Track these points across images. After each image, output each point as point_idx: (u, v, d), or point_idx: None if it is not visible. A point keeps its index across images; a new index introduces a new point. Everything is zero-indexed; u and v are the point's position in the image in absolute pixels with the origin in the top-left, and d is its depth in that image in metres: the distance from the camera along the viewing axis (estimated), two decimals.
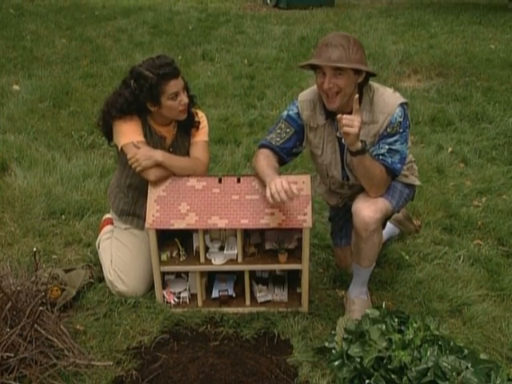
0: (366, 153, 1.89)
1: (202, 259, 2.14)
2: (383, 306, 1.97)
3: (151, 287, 2.22)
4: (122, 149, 2.14)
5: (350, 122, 1.80)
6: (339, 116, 1.81)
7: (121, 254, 2.27)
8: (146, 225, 2.08)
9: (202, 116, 2.30)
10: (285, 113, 2.15)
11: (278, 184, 1.88)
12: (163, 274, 2.20)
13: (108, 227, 2.46)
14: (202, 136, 2.29)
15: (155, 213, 2.09)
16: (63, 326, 1.91)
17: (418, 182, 2.21)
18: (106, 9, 8.14)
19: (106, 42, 6.51)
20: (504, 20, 8.07)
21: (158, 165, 2.10)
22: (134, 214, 2.32)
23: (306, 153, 2.36)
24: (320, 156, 2.13)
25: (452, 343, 1.74)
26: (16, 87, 4.76)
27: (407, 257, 2.49)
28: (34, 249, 2.09)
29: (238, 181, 2.15)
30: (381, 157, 1.97)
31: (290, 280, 2.26)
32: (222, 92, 4.91)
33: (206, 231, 2.14)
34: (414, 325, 1.79)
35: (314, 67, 1.98)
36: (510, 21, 8.16)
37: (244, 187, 2.12)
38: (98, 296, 2.21)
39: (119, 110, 2.10)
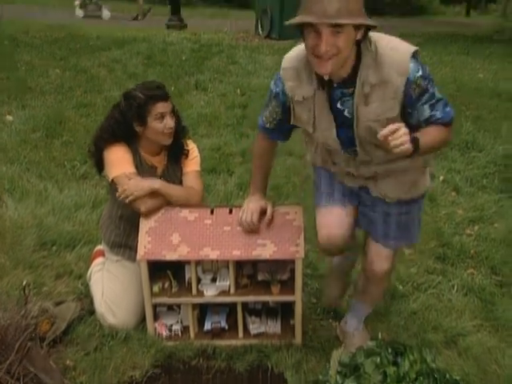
0: (420, 147, 1.53)
1: (194, 291, 2.13)
2: (379, 337, 1.96)
3: (143, 319, 2.20)
4: (112, 180, 2.15)
5: (399, 140, 1.46)
6: (380, 137, 1.47)
7: (112, 286, 2.25)
8: (138, 256, 2.07)
9: (192, 147, 2.33)
10: (272, 87, 1.83)
11: (245, 215, 2.01)
12: (155, 306, 2.18)
13: (99, 259, 2.45)
14: (193, 166, 2.31)
15: (147, 244, 2.09)
16: (52, 361, 1.88)
17: (429, 183, 1.93)
18: (100, 39, 8.26)
19: (100, 72, 6.58)
20: (490, 51, 8.28)
21: (149, 196, 2.11)
22: (125, 245, 2.31)
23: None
24: (313, 133, 1.81)
25: (448, 376, 1.72)
26: (9, 118, 4.77)
27: (401, 287, 2.49)
28: (24, 282, 2.07)
29: (230, 212, 2.15)
30: (431, 119, 1.64)
31: (284, 311, 2.24)
32: (215, 122, 4.95)
33: (198, 262, 2.13)
34: (411, 357, 1.77)
35: (300, 25, 1.54)
36: (496, 51, 8.37)
37: (236, 218, 2.12)
38: (88, 329, 2.18)
39: (110, 132, 2.15)
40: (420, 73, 1.58)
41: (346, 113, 1.69)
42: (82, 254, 2.71)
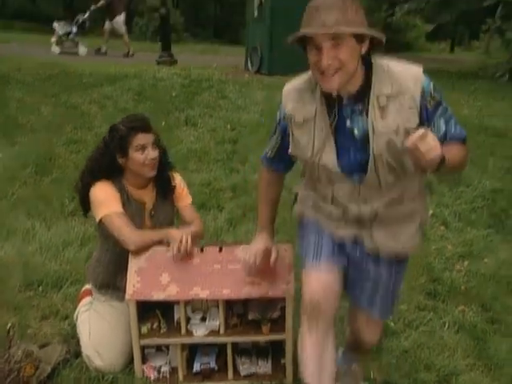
0: (446, 161, 1.42)
1: (184, 331, 2.10)
2: (371, 376, 1.94)
3: (130, 361, 2.15)
4: (101, 220, 2.14)
5: (429, 145, 1.35)
6: (410, 144, 1.36)
7: (99, 327, 2.21)
8: (127, 296, 2.04)
9: (179, 180, 2.35)
10: (276, 116, 1.80)
11: (248, 257, 1.93)
12: (143, 347, 2.14)
13: (87, 299, 2.41)
14: (186, 199, 2.35)
15: (136, 284, 2.07)
16: None
17: (422, 237, 1.84)
18: (92, 76, 8.33)
19: (91, 108, 6.63)
20: (474, 87, 8.48)
21: (138, 234, 2.10)
22: (113, 286, 2.28)
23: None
24: (312, 158, 1.67)
25: None
26: None
27: (392, 324, 2.47)
28: (9, 324, 2.03)
29: (220, 250, 2.14)
30: (446, 135, 1.58)
31: (274, 350, 2.21)
32: (205, 157, 4.98)
33: (187, 302, 2.11)
34: None
35: (302, 42, 1.53)
36: (481, 88, 8.57)
37: (226, 256, 2.12)
38: (74, 373, 2.12)
39: (95, 165, 2.19)
40: (432, 84, 1.59)
41: (356, 131, 1.59)
42: (69, 293, 2.67)
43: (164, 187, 2.28)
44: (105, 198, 2.14)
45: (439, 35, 20.47)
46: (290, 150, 1.75)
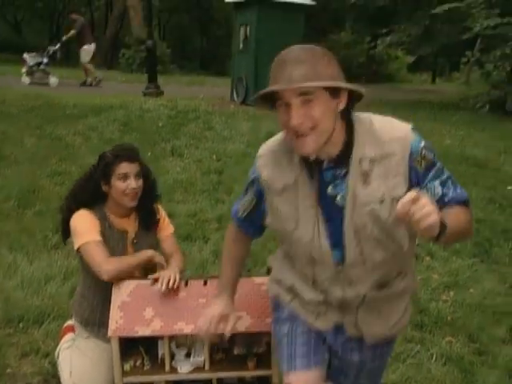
0: (446, 229, 1.21)
1: (168, 368, 2.06)
2: None
3: None
4: (79, 249, 2.13)
5: (424, 210, 1.12)
6: (399, 209, 1.13)
7: (81, 364, 2.16)
8: (109, 332, 2.00)
9: (162, 213, 2.35)
10: (250, 173, 1.61)
11: (203, 323, 1.73)
12: None
13: (69, 335, 2.36)
14: (167, 229, 2.34)
15: (119, 319, 2.03)
16: None
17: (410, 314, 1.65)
18: (77, 107, 8.37)
19: (76, 139, 6.63)
20: (456, 118, 8.68)
21: (113, 263, 2.08)
22: (98, 323, 2.23)
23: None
24: (293, 231, 1.47)
25: None
26: None
27: None
28: None
29: (205, 283, 2.12)
30: (443, 199, 1.39)
31: None
32: (191, 187, 4.99)
33: (171, 337, 2.08)
34: None
35: (272, 101, 1.37)
36: (462, 119, 8.77)
37: (211, 290, 2.09)
38: None
39: (79, 190, 2.20)
40: (423, 143, 1.40)
41: (338, 198, 1.40)
42: (51, 329, 2.62)
43: (147, 219, 2.28)
44: (84, 227, 2.14)
45: (420, 67, 21.08)
46: (267, 221, 1.54)
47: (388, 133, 1.38)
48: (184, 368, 2.06)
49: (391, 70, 20.64)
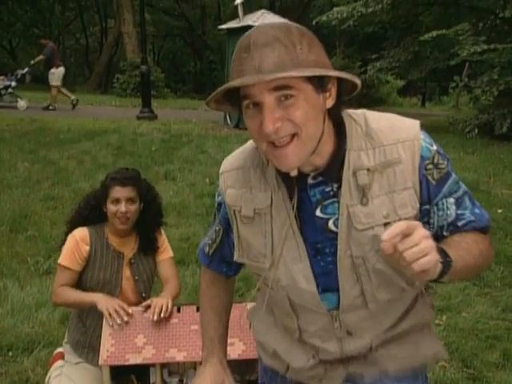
0: (451, 266, 0.93)
1: None
2: None
3: None
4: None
5: (417, 248, 0.84)
6: (383, 247, 0.85)
7: None
8: (100, 361, 1.97)
9: (163, 238, 2.34)
10: (216, 197, 1.28)
11: None
12: None
13: (58, 362, 2.32)
14: (165, 253, 2.34)
15: (110, 347, 2.00)
16: None
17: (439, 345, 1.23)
18: (71, 132, 8.39)
19: (69, 164, 6.63)
20: (445, 141, 8.75)
21: (62, 293, 2.14)
22: (89, 346, 2.21)
23: None
24: (269, 271, 1.11)
25: None
26: None
27: None
28: None
29: (197, 309, 2.11)
30: (459, 223, 1.07)
31: None
32: (184, 211, 4.99)
33: (164, 365, 2.05)
34: None
35: (235, 100, 1.00)
36: (451, 142, 8.86)
37: None
38: None
39: (84, 206, 2.26)
40: (435, 147, 1.06)
41: (330, 224, 1.06)
42: (41, 357, 2.57)
43: (145, 243, 2.28)
44: (68, 249, 2.17)
45: (411, 91, 21.44)
46: (235, 256, 1.20)
47: (390, 134, 1.04)
48: None
49: (382, 93, 20.91)
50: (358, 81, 0.98)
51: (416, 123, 1.08)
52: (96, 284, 2.18)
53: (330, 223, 1.06)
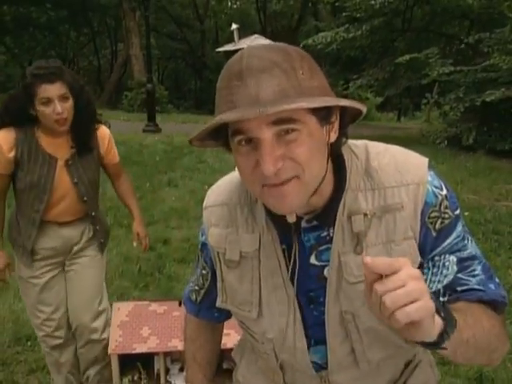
0: (455, 326, 0.68)
1: (163, 381, 2.03)
2: None
3: None
4: None
5: (401, 291, 0.60)
6: (367, 287, 0.64)
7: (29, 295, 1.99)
8: (109, 350, 1.97)
9: (109, 138, 2.00)
10: (199, 236, 1.02)
11: None
12: None
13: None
14: (113, 159, 2.05)
15: (118, 338, 2.00)
16: None
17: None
18: None
19: None
20: (418, 152, 8.61)
21: None
22: (23, 246, 1.93)
23: None
24: (255, 321, 0.91)
25: None
26: None
27: None
28: None
29: None
30: (459, 287, 0.81)
31: None
32: (185, 215, 4.99)
33: (167, 353, 2.05)
34: None
35: (221, 135, 0.77)
36: (424, 152, 8.46)
37: None
38: None
39: (4, 110, 1.81)
40: (444, 191, 0.83)
41: (326, 272, 0.86)
42: None
43: (82, 141, 1.87)
44: None
45: (387, 107, 21.54)
46: (217, 302, 0.97)
47: (393, 174, 0.82)
48: (178, 381, 2.03)
49: None
50: (364, 109, 0.77)
51: (424, 162, 0.84)
52: (23, 187, 1.85)
53: (326, 271, 0.85)
